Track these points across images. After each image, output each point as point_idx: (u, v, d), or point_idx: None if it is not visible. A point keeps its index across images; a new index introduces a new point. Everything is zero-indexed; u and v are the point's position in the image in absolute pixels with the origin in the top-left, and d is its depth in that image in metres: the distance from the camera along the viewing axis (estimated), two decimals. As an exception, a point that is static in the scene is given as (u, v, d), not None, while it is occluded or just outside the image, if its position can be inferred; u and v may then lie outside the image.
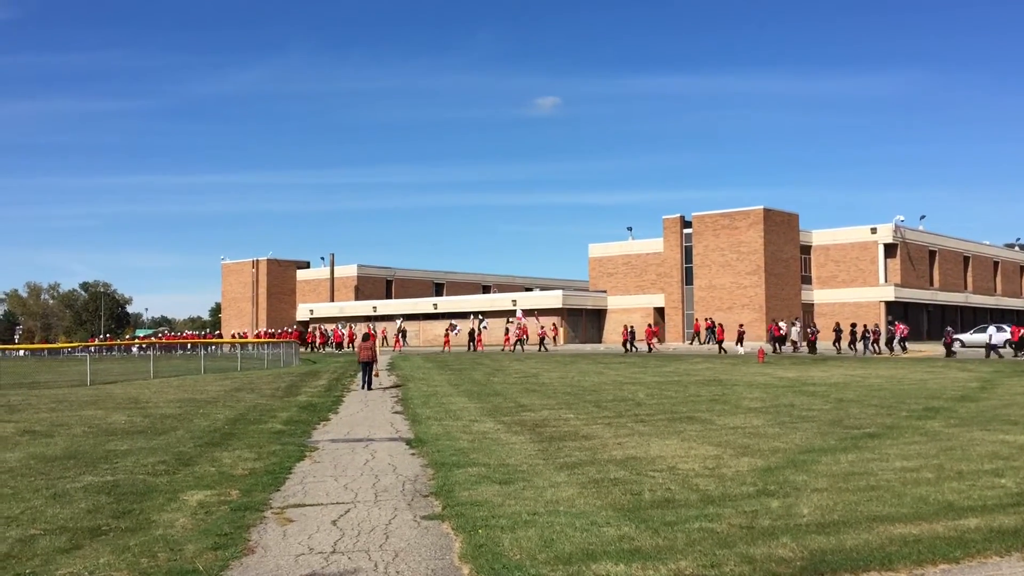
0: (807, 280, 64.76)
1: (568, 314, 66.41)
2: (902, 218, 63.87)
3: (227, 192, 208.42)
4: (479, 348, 54.11)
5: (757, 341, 49.54)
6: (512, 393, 21.07)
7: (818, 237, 65.45)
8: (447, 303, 74.40)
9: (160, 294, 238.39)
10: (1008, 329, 43.13)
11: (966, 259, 72.82)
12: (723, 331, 48.80)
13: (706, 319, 56.87)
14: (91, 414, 17.01)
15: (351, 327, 67.53)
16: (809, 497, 8.44)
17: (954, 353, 39.47)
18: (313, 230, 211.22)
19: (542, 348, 52.12)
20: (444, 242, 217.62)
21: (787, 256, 61.87)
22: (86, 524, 7.58)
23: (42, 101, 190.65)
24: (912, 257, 64.93)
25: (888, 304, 61.49)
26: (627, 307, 67.93)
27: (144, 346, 53.92)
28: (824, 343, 48.29)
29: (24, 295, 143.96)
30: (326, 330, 67.65)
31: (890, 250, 63.29)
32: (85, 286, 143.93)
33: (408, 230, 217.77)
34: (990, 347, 38.29)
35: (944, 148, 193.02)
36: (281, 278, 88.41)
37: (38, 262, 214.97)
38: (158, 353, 44.67)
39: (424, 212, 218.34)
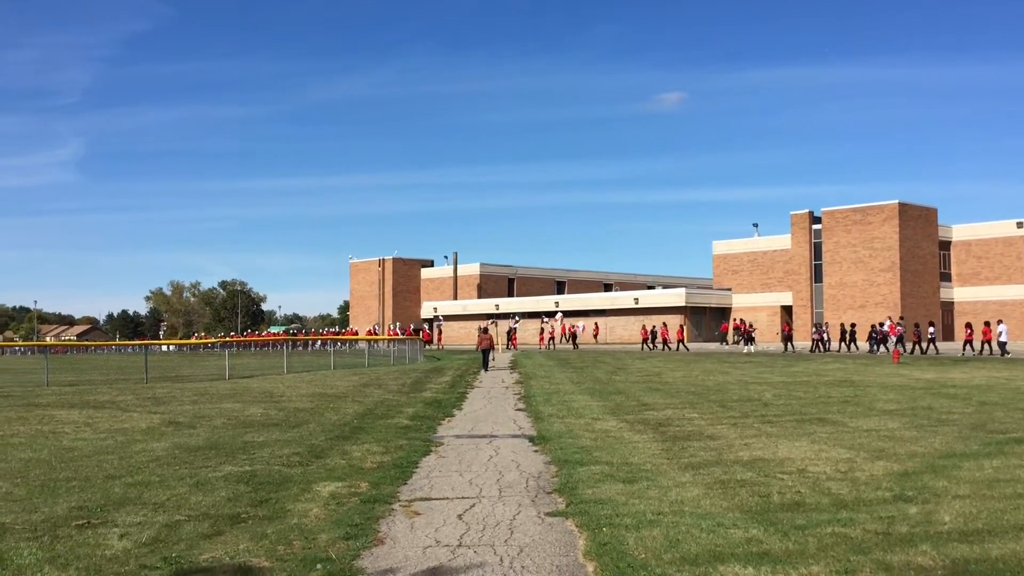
0: (946, 277, 61.72)
1: (691, 312, 65.38)
2: (1051, 210, 60.09)
3: (354, 193, 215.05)
4: (513, 347, 55.97)
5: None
6: (634, 392, 20.89)
7: (958, 232, 62.28)
8: (568, 301, 74.45)
9: (292, 292, 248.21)
10: None
11: (1124, 253, 67.88)
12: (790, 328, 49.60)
13: (734, 319, 59.27)
14: (230, 407, 17.83)
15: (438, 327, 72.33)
16: (950, 504, 8.04)
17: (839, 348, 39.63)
18: (436, 229, 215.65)
19: (575, 346, 56.60)
20: (565, 240, 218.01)
21: (924, 252, 59.15)
22: (226, 511, 7.93)
23: (183, 108, 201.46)
24: (1063, 252, 60.95)
25: (1036, 302, 58.01)
26: (753, 305, 66.38)
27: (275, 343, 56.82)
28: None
29: (168, 293, 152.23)
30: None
31: (1038, 245, 59.63)
32: (223, 284, 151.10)
33: (530, 228, 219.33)
34: None
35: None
36: (406, 276, 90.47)
37: (181, 262, 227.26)
38: (291, 349, 47.04)
39: (545, 210, 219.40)
